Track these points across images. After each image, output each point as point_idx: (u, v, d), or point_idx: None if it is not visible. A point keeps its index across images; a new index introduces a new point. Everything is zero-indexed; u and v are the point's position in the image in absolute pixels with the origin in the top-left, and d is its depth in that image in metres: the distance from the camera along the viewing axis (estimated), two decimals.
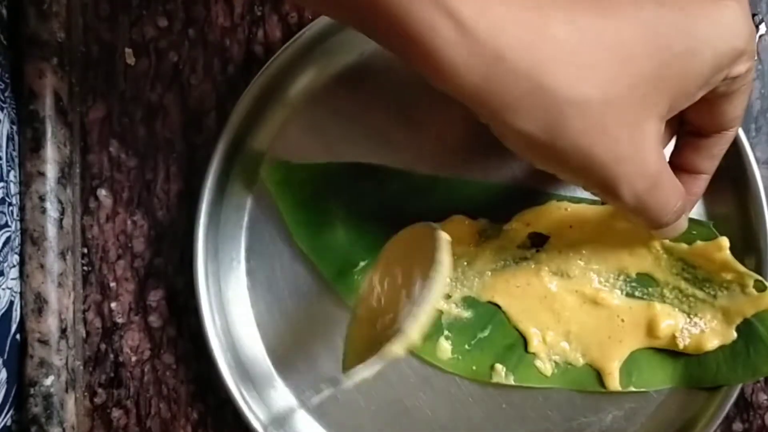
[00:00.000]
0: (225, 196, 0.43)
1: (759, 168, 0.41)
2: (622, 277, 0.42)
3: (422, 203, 0.42)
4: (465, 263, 0.43)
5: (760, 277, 0.40)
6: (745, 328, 0.40)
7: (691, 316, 0.41)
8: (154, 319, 0.44)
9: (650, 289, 0.42)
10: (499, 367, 0.42)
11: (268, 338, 0.44)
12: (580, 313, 0.42)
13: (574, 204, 0.42)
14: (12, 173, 0.42)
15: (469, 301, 0.43)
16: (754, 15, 0.44)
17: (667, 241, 0.41)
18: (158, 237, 0.44)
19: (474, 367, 0.43)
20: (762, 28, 0.44)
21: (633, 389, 0.42)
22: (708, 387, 0.41)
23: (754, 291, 0.40)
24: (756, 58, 0.44)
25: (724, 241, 0.40)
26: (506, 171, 0.43)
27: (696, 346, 0.41)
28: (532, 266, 0.42)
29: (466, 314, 0.43)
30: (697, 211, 0.42)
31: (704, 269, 0.41)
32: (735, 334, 0.41)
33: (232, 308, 0.43)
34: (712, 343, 0.41)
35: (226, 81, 0.45)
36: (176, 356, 0.44)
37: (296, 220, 0.43)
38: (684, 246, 0.41)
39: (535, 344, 0.42)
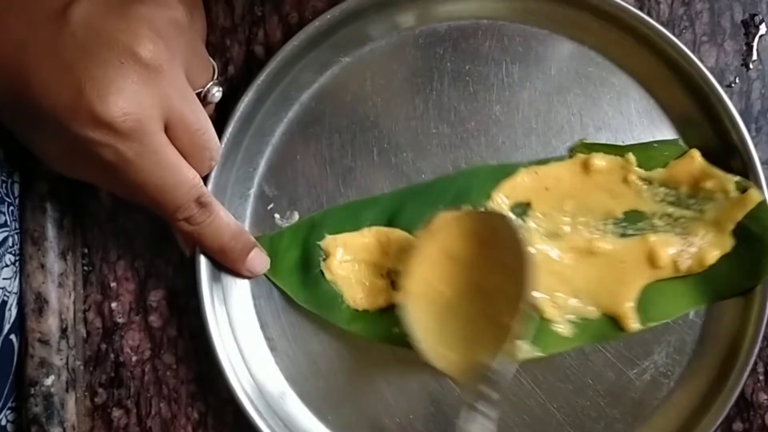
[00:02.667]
0: (225, 200, 0.43)
1: (760, 168, 0.41)
2: (610, 221, 0.43)
3: (404, 217, 0.43)
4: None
5: (739, 178, 0.41)
6: (740, 232, 0.41)
7: (686, 237, 0.42)
8: (154, 319, 0.45)
9: (640, 224, 0.42)
10: (520, 344, 0.42)
11: (270, 337, 0.44)
12: (581, 267, 0.42)
13: (542, 165, 0.43)
14: (16, 174, 0.43)
15: None
16: (754, 15, 0.44)
17: (643, 171, 0.42)
18: (159, 237, 0.44)
19: None
20: (762, 28, 0.44)
21: (652, 324, 0.42)
22: (722, 352, 0.42)
23: (737, 194, 0.41)
24: (756, 58, 0.44)
25: (695, 152, 0.41)
26: (465, 159, 0.44)
27: (699, 264, 0.41)
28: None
29: None
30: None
31: (686, 185, 0.42)
32: (732, 241, 0.41)
33: (234, 307, 0.43)
34: (712, 256, 0.41)
35: (226, 81, 0.45)
36: (176, 356, 0.44)
37: (293, 285, 0.44)
38: (660, 170, 0.42)
39: (548, 310, 0.42)
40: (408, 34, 0.44)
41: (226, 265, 0.42)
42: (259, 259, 0.43)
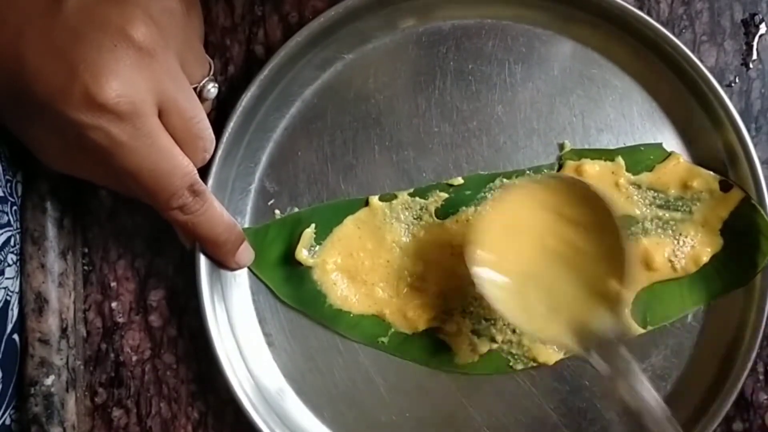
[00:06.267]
0: (225, 195, 0.43)
1: (760, 168, 0.41)
2: None
3: None
4: None
5: (722, 177, 0.42)
6: (728, 230, 0.42)
7: (677, 238, 0.42)
8: (154, 319, 0.44)
9: (632, 228, 0.43)
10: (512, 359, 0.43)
11: (269, 332, 0.44)
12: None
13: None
14: (20, 173, 0.43)
15: None
16: (754, 15, 0.44)
17: (631, 176, 0.43)
18: (159, 237, 0.44)
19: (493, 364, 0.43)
20: (762, 27, 0.44)
21: (651, 327, 0.42)
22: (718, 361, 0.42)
23: (722, 193, 0.42)
24: (756, 57, 0.44)
25: (678, 155, 0.42)
26: (466, 158, 0.44)
27: (694, 263, 0.42)
28: None
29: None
30: None
31: (673, 188, 0.42)
32: (721, 239, 0.42)
33: (233, 305, 0.43)
34: (706, 254, 0.42)
35: (226, 80, 0.45)
36: (177, 356, 0.44)
37: (276, 280, 0.44)
38: (648, 174, 0.43)
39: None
40: (411, 32, 0.44)
41: (216, 257, 0.42)
42: (247, 252, 0.43)
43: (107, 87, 0.33)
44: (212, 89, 0.41)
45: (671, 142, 0.43)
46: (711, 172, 0.42)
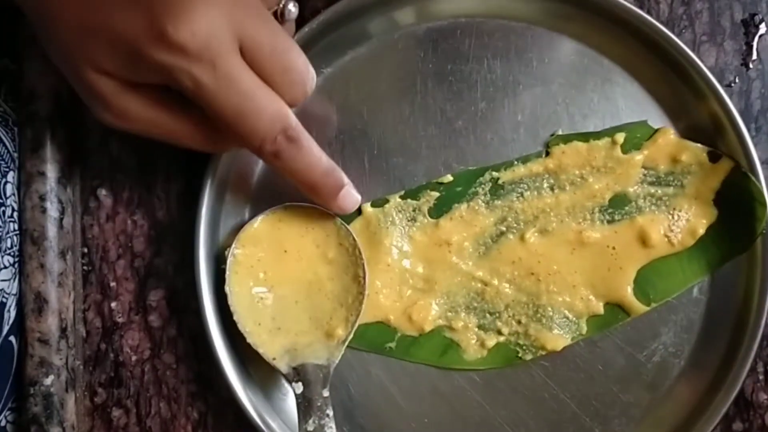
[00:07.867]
0: (225, 195, 0.43)
1: (760, 168, 0.41)
2: (597, 209, 0.43)
3: None
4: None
5: (710, 148, 0.42)
6: (721, 200, 0.42)
7: (672, 213, 0.43)
8: (154, 319, 0.45)
9: (626, 208, 0.43)
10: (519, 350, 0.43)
11: None
12: (574, 260, 0.43)
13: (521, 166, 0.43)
14: (10, 174, 0.43)
15: None
16: (753, 15, 0.44)
17: (621, 154, 0.43)
18: (158, 237, 0.44)
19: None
20: (762, 27, 0.44)
21: (656, 304, 0.42)
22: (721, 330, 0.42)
23: (711, 164, 0.42)
24: (756, 57, 0.44)
25: (667, 129, 0.43)
26: (456, 158, 0.44)
27: (691, 236, 0.42)
28: (511, 238, 0.43)
29: None
30: None
31: (663, 163, 0.43)
32: (716, 210, 0.42)
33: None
34: (702, 226, 0.42)
35: None
36: (176, 356, 0.44)
37: None
38: (636, 152, 0.43)
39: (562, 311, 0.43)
40: (387, 39, 0.44)
41: (315, 201, 0.41)
42: (349, 197, 0.41)
43: (182, 26, 0.33)
44: (293, 9, 0.39)
45: (657, 121, 0.43)
46: (699, 144, 0.42)
